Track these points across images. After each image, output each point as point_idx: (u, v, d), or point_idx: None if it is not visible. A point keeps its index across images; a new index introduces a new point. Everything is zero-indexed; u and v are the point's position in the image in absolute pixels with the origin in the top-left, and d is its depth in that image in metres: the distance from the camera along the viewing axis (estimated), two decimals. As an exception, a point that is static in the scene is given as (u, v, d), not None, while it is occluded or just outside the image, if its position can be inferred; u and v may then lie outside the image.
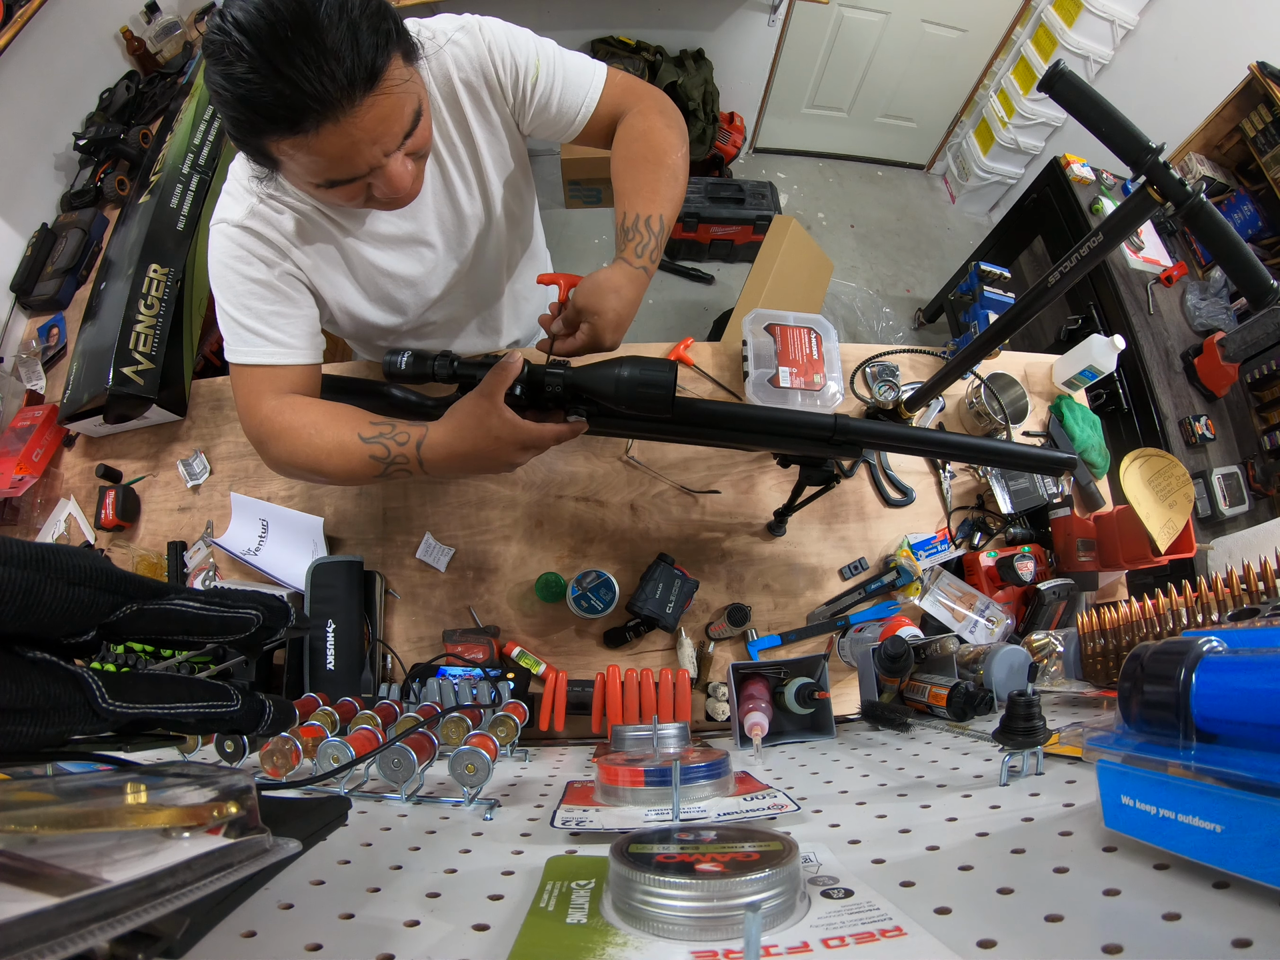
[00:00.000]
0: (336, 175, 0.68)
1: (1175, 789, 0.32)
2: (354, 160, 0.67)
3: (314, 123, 0.62)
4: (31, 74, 1.54)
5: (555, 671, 1.00)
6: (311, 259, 0.86)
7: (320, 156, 0.65)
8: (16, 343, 1.47)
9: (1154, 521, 1.01)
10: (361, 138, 0.65)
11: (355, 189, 0.71)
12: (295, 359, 0.86)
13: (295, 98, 0.59)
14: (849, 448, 0.81)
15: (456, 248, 0.97)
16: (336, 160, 0.66)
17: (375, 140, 0.66)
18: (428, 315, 1.03)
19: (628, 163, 0.88)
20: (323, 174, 0.68)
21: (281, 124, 0.62)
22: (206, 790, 0.32)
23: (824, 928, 0.33)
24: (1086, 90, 0.72)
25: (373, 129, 0.65)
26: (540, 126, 0.92)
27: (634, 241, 0.82)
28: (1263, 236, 2.03)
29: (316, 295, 0.90)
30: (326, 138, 0.63)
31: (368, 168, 0.68)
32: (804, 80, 3.15)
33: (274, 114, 0.61)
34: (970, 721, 0.74)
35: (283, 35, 0.57)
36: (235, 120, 0.63)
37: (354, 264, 0.90)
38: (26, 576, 0.28)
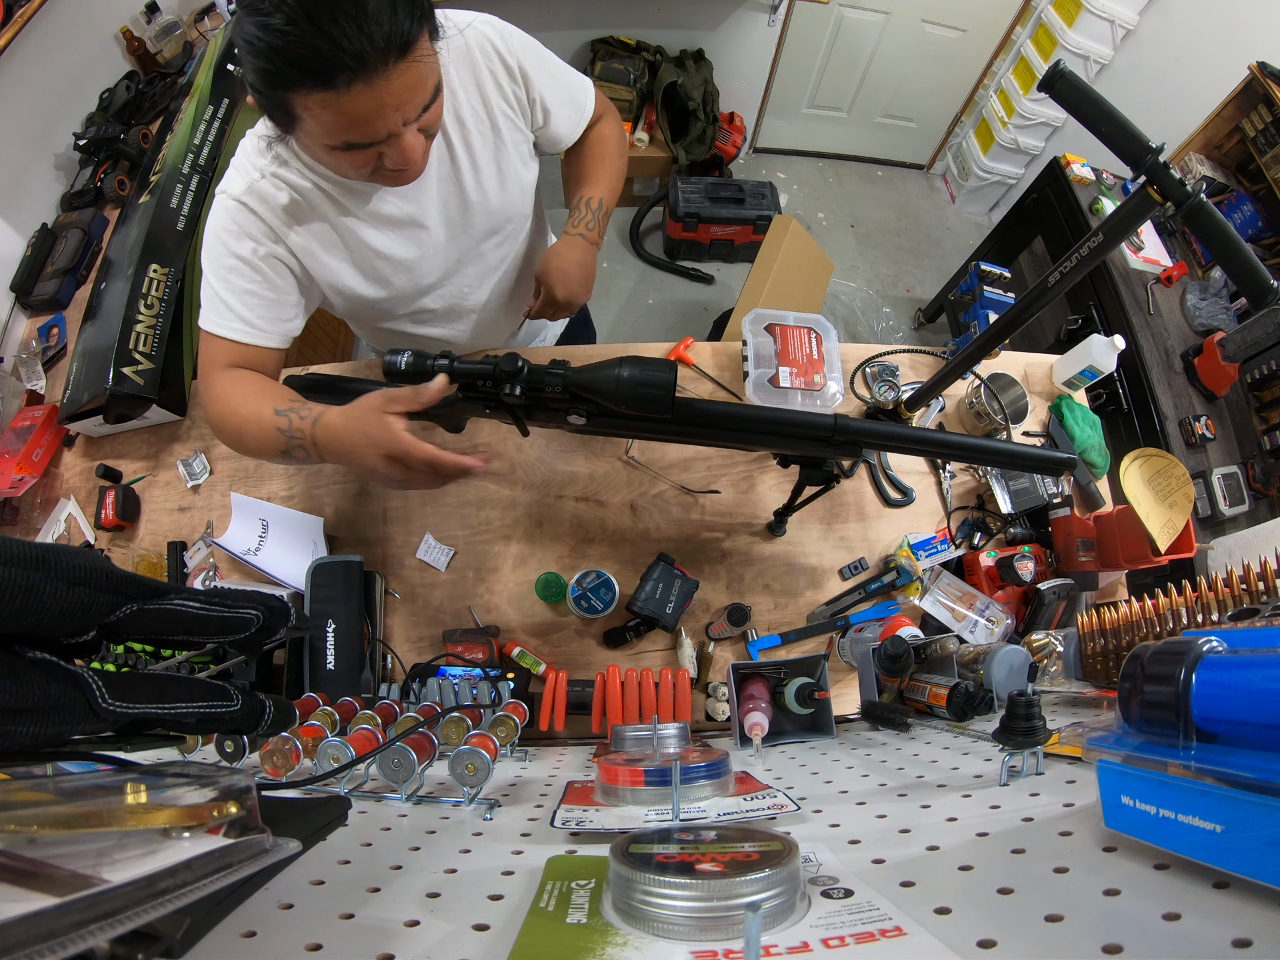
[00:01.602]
0: (356, 138, 0.69)
1: (1175, 789, 0.32)
2: (375, 124, 0.68)
3: (346, 80, 0.63)
4: (31, 74, 1.54)
5: (555, 671, 1.00)
6: (304, 239, 0.88)
7: (345, 116, 0.66)
8: (16, 343, 1.47)
9: (1154, 521, 1.01)
10: (388, 102, 0.67)
11: (368, 156, 0.73)
12: (258, 340, 0.88)
13: (333, 53, 0.61)
14: (849, 448, 0.81)
15: (459, 235, 0.97)
16: (360, 121, 0.67)
17: (399, 107, 0.68)
18: (425, 302, 1.03)
19: (589, 159, 1.06)
20: (342, 135, 0.69)
21: (314, 78, 0.63)
22: (206, 790, 0.32)
23: (824, 928, 0.33)
24: (1086, 90, 0.72)
25: (399, 95, 0.67)
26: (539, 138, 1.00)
27: (573, 216, 1.03)
28: (1263, 236, 2.03)
29: (306, 277, 0.91)
30: (356, 97, 0.64)
31: (386, 134, 0.70)
32: (804, 80, 3.15)
33: (309, 67, 0.62)
34: (970, 721, 0.74)
35: None
36: (264, 72, 0.64)
37: (350, 244, 0.91)
38: (27, 576, 0.28)
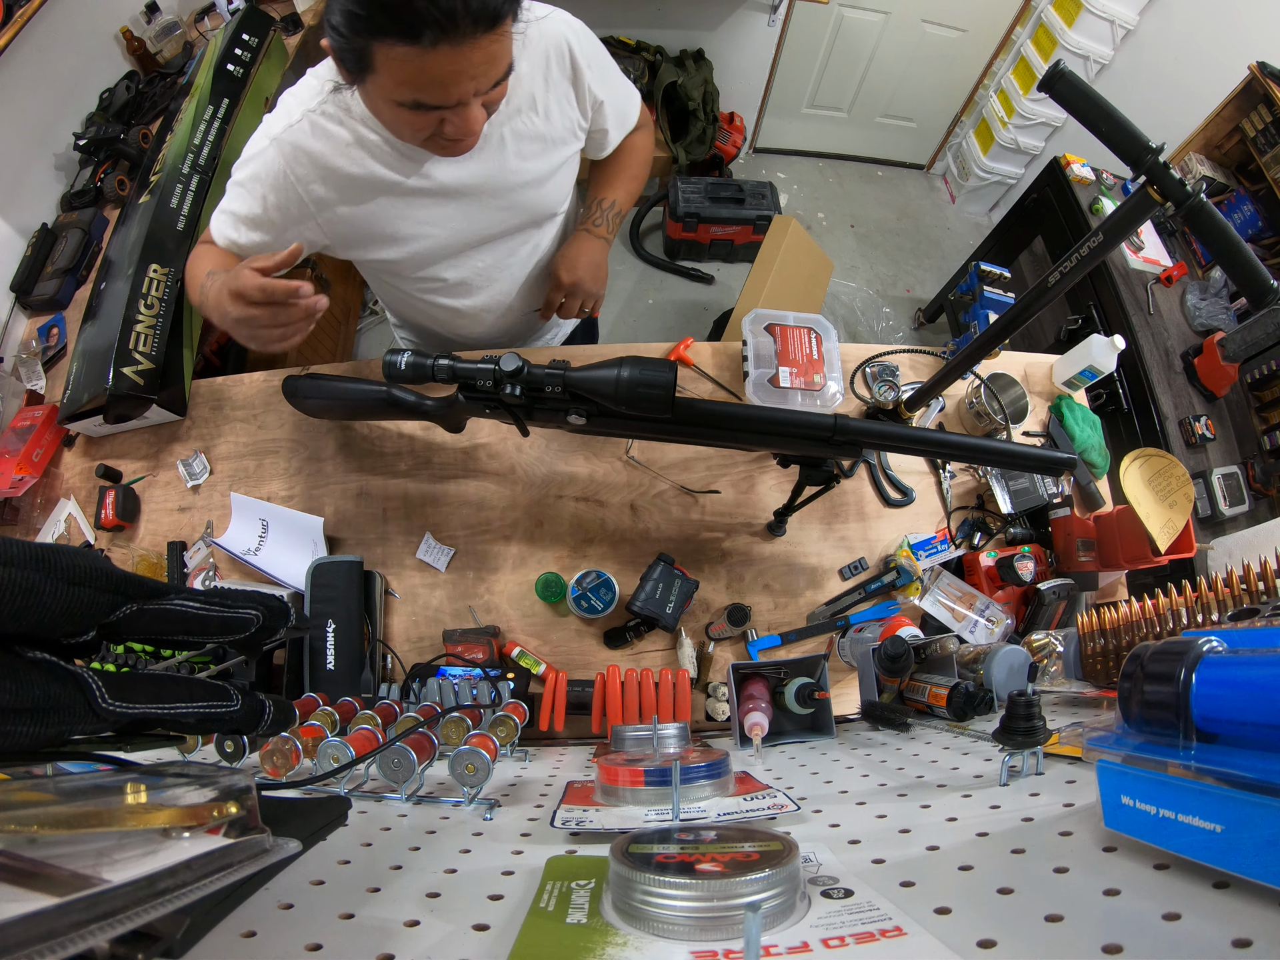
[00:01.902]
0: (427, 98, 0.71)
1: (1175, 789, 0.32)
2: (450, 89, 0.70)
3: (433, 39, 0.64)
4: (31, 74, 1.54)
5: (555, 671, 1.00)
6: (325, 191, 0.88)
7: (423, 74, 0.68)
8: (16, 343, 1.47)
9: (1154, 521, 1.01)
10: (466, 70, 0.68)
11: (430, 120, 0.74)
12: (227, 239, 0.94)
13: (427, 9, 0.62)
14: (849, 448, 0.81)
15: (487, 213, 0.97)
16: (436, 82, 0.69)
17: (474, 77, 0.70)
18: (437, 270, 1.03)
19: (615, 166, 1.11)
20: (415, 93, 0.70)
21: (403, 30, 0.64)
22: (206, 790, 0.32)
23: (824, 928, 0.33)
24: (1086, 90, 0.72)
25: (477, 65, 0.69)
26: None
27: (588, 215, 1.09)
28: (1263, 236, 2.03)
29: (315, 230, 0.92)
30: (439, 57, 0.66)
31: (456, 100, 0.71)
32: (804, 80, 3.15)
33: (400, 18, 0.63)
34: (970, 721, 0.74)
35: None
36: (353, 15, 0.65)
37: (373, 201, 0.91)
38: (27, 576, 0.28)
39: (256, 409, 1.19)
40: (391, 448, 1.15)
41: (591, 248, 1.07)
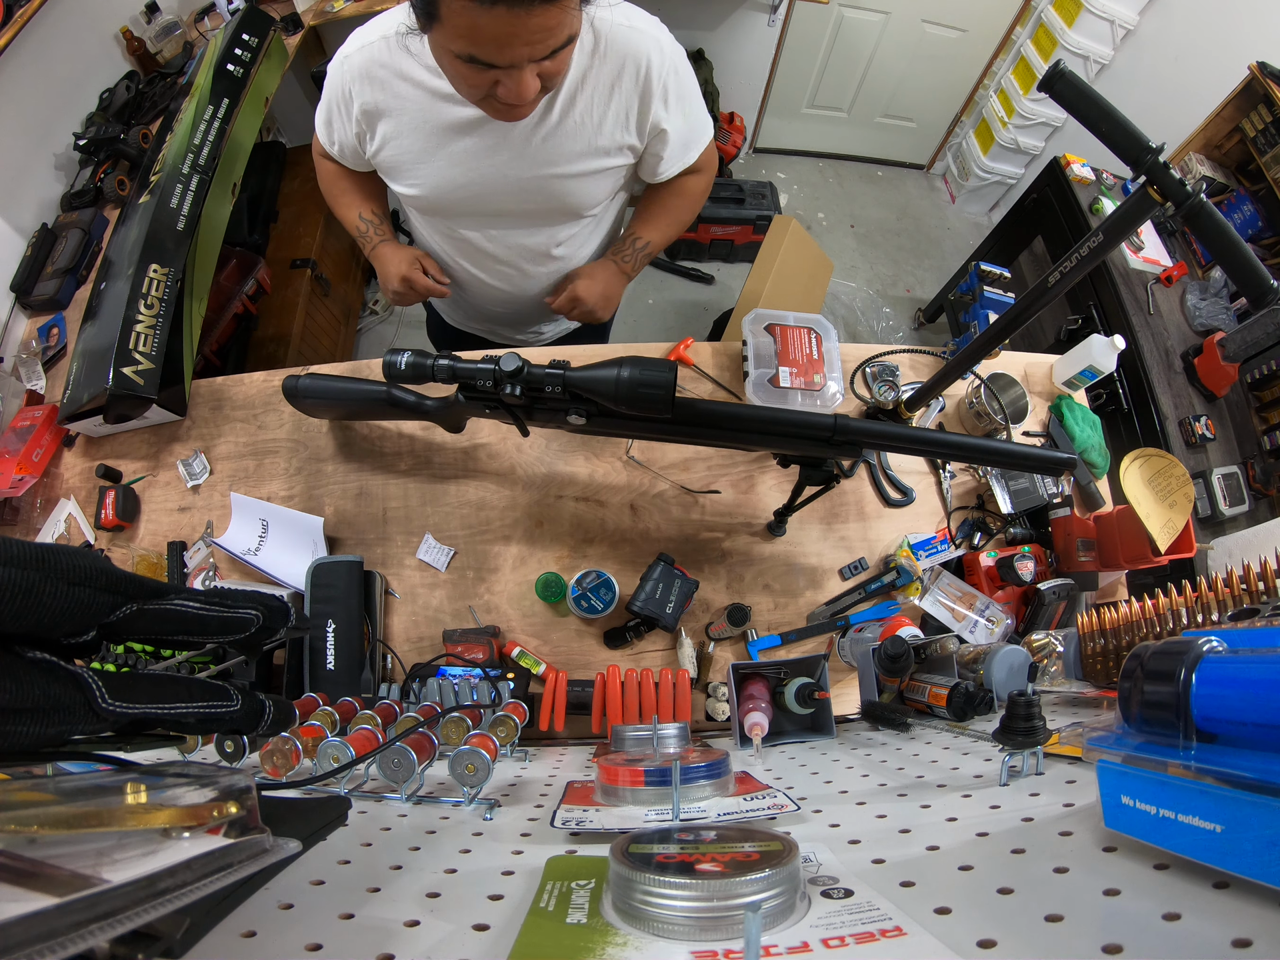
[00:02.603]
0: (481, 54, 0.73)
1: (1175, 789, 0.32)
2: (504, 49, 0.72)
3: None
4: (31, 74, 1.54)
5: (555, 671, 1.00)
6: (378, 105, 0.94)
7: (479, 31, 0.70)
8: (16, 343, 1.47)
9: (1154, 521, 1.01)
10: (522, 33, 0.70)
11: (485, 78, 0.77)
12: (338, 158, 1.08)
13: None
14: (849, 448, 0.81)
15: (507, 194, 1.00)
16: (491, 41, 0.71)
17: (529, 43, 0.72)
18: (456, 225, 1.07)
19: (661, 206, 1.13)
20: (470, 47, 0.72)
21: None
22: (206, 790, 0.32)
23: (824, 928, 0.33)
24: (1086, 90, 0.72)
25: (534, 32, 0.71)
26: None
27: (617, 246, 1.13)
28: (1263, 236, 2.03)
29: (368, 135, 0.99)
30: (495, 17, 0.68)
31: (509, 62, 0.74)
32: (804, 80, 3.15)
33: None
34: (970, 721, 0.74)
35: None
36: None
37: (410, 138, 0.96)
38: (26, 576, 0.28)
39: (256, 409, 1.19)
40: (391, 448, 1.15)
41: (613, 278, 1.12)
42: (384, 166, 1.02)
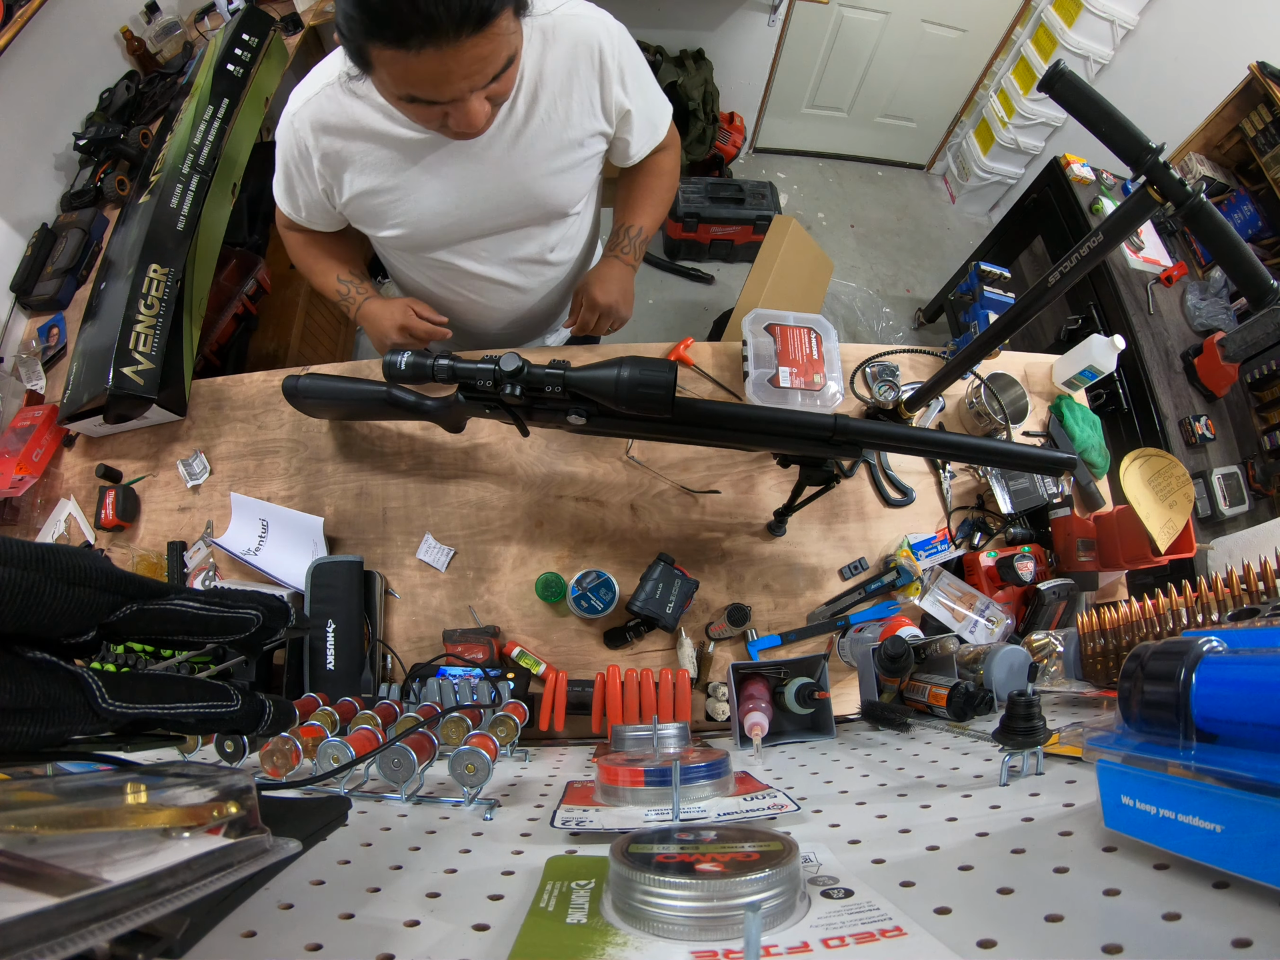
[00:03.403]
0: (421, 95, 0.73)
1: (1175, 789, 0.32)
2: (441, 87, 0.72)
3: (418, 43, 0.66)
4: (31, 74, 1.54)
5: (555, 671, 1.00)
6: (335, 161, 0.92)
7: (413, 74, 0.70)
8: (16, 343, 1.47)
9: (1154, 521, 1.01)
10: (456, 70, 0.69)
11: (433, 113, 0.76)
12: (306, 224, 1.05)
13: (412, 15, 0.64)
14: (849, 448, 0.81)
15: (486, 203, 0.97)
16: (426, 82, 0.71)
17: (466, 76, 0.71)
18: (443, 256, 1.04)
19: (642, 188, 1.12)
20: (409, 89, 0.72)
21: (389, 35, 0.66)
22: (206, 790, 0.32)
23: (824, 928, 0.33)
24: (1086, 90, 0.72)
25: (468, 65, 0.70)
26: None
27: (614, 241, 1.11)
28: (1263, 236, 2.03)
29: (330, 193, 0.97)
30: (425, 60, 0.67)
31: (451, 97, 0.73)
32: (804, 80, 3.15)
33: (385, 22, 0.65)
34: (970, 721, 0.74)
35: None
36: (347, 17, 0.67)
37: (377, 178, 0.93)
38: (26, 576, 0.28)
39: (256, 409, 1.19)
40: (391, 448, 1.15)
41: (623, 273, 1.10)
42: (359, 216, 0.99)
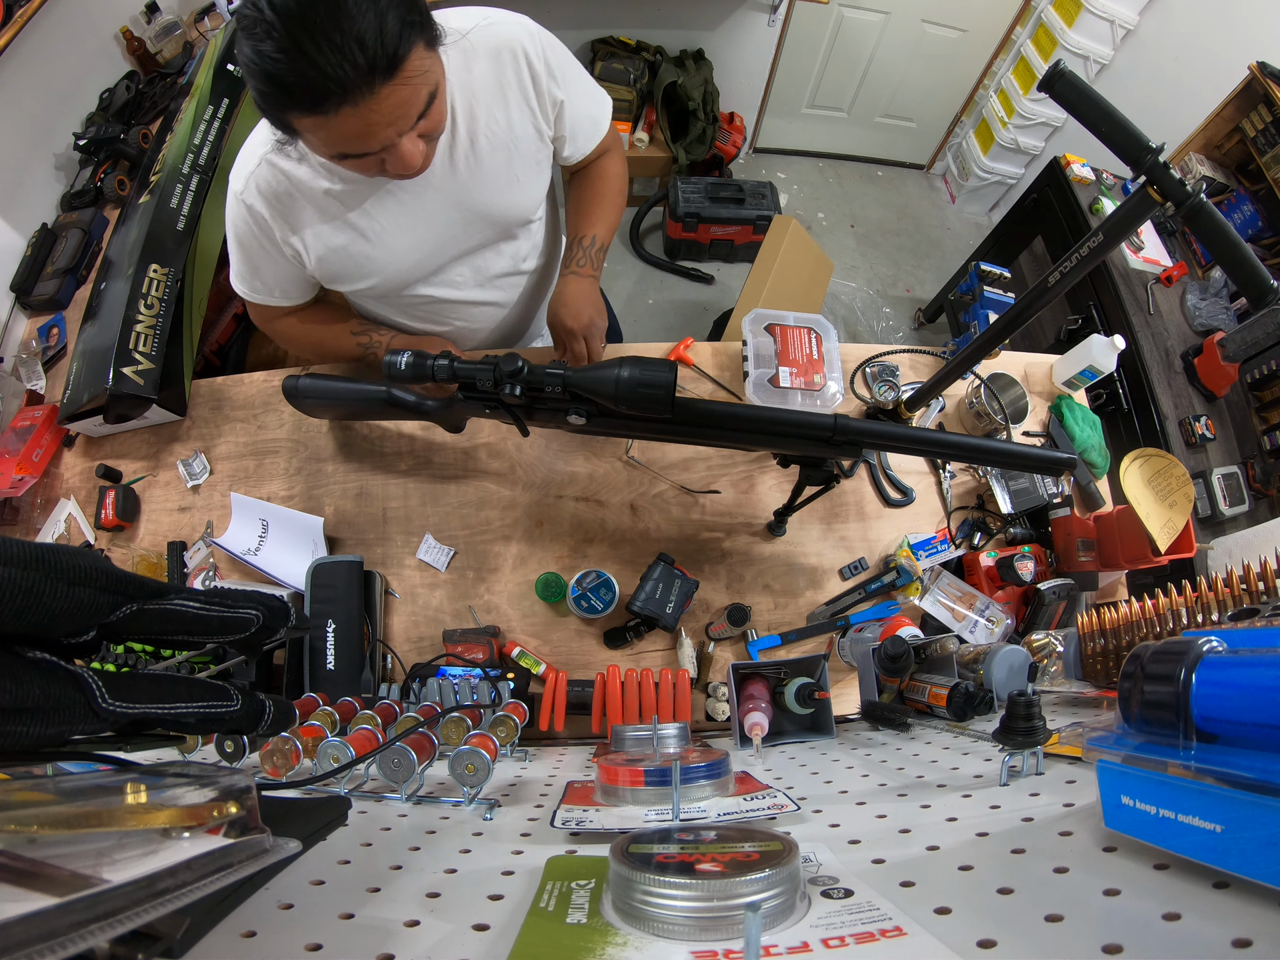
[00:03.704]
0: (349, 151, 0.73)
1: (1175, 789, 0.32)
2: (367, 140, 0.71)
3: (334, 105, 0.65)
4: (31, 74, 1.54)
5: (555, 671, 1.00)
6: (295, 226, 0.91)
7: (336, 134, 0.69)
8: (16, 343, 1.47)
9: (1154, 521, 1.01)
10: (377, 121, 0.69)
11: (369, 163, 0.76)
12: (290, 301, 1.02)
13: (317, 80, 0.63)
14: (849, 448, 0.81)
15: (455, 230, 0.96)
16: (351, 139, 0.70)
17: (390, 124, 0.70)
18: (420, 289, 1.02)
19: (592, 194, 1.08)
20: (336, 149, 0.73)
21: (302, 103, 0.65)
22: (206, 790, 0.32)
23: (824, 928, 0.33)
24: (1086, 90, 0.72)
25: (388, 114, 0.69)
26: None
27: (571, 255, 1.06)
28: (1263, 236, 2.02)
29: (299, 260, 0.94)
30: (344, 120, 0.67)
31: (380, 147, 0.72)
32: (804, 80, 3.15)
33: (296, 93, 0.64)
34: (970, 721, 0.74)
35: (311, 19, 0.60)
36: (260, 92, 0.67)
37: (339, 230, 0.91)
38: (27, 576, 0.28)
39: (256, 409, 1.20)
40: (391, 448, 1.15)
41: (586, 288, 1.05)
42: (330, 275, 0.97)
